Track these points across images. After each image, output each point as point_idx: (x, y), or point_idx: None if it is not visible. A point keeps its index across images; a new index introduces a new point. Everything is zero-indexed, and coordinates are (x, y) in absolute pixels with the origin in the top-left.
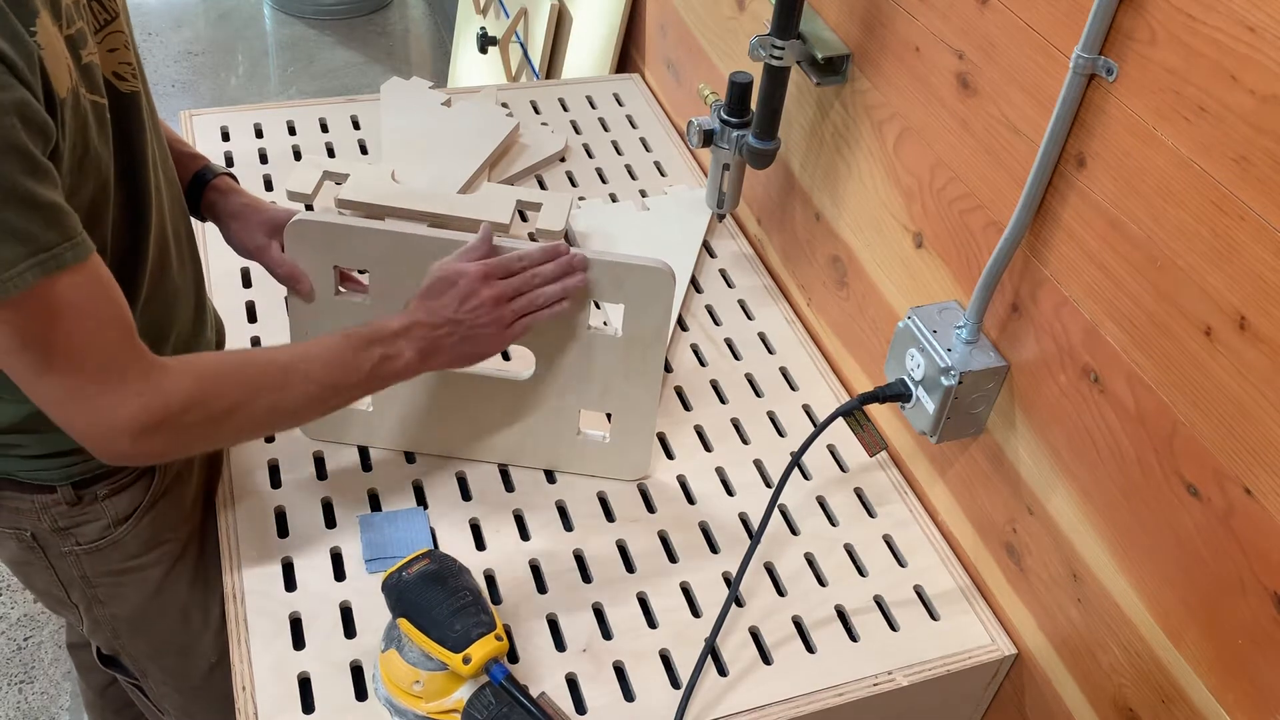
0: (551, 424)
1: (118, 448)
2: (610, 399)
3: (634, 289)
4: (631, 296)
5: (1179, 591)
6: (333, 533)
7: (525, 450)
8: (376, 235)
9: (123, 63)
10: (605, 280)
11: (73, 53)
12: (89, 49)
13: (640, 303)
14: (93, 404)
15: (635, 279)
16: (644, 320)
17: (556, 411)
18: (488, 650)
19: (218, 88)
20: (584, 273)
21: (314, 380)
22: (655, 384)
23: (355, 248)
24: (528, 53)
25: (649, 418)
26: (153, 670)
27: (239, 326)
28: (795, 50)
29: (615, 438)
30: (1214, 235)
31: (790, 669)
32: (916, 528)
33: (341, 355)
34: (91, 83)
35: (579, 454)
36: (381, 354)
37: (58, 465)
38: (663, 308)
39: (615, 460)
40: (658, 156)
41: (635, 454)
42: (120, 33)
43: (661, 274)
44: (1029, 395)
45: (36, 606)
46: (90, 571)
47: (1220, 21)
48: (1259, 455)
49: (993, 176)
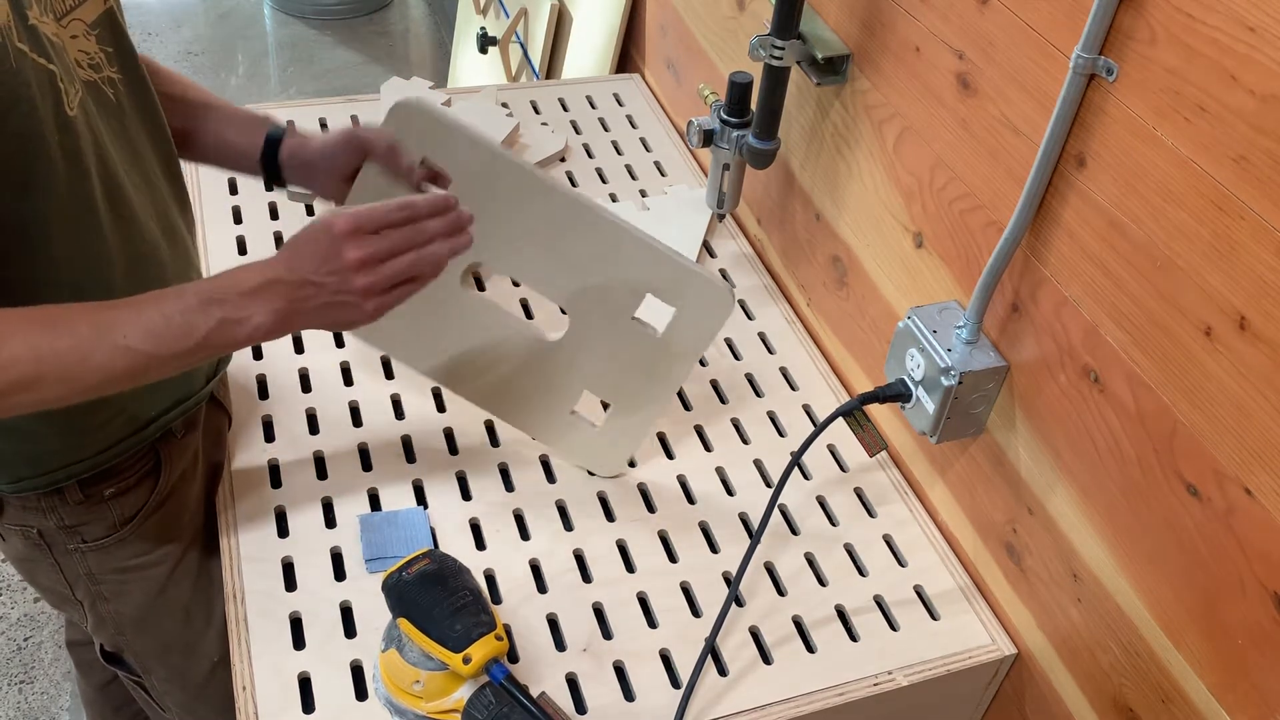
0: (551, 393)
1: None
2: (620, 393)
3: (692, 299)
4: (687, 305)
5: (1179, 591)
6: (333, 533)
7: (514, 408)
8: (477, 147)
9: (80, 51)
10: (668, 280)
11: (14, 6)
12: (39, 16)
13: (693, 314)
14: None
15: (697, 290)
16: (688, 332)
17: (562, 383)
18: (488, 650)
19: (218, 88)
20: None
21: (129, 349)
22: (669, 394)
23: (450, 151)
24: (528, 53)
25: (648, 424)
26: (156, 668)
27: None
28: (795, 50)
29: (606, 430)
30: (1214, 235)
31: (790, 669)
32: (916, 528)
33: (169, 318)
34: (37, 44)
35: (563, 432)
36: (222, 317)
37: (54, 465)
38: (711, 327)
39: (596, 451)
40: (658, 156)
41: (618, 452)
42: (81, 21)
43: (723, 296)
44: (1029, 395)
45: (36, 606)
46: (96, 569)
47: (1220, 21)
48: (1259, 455)
49: (993, 176)
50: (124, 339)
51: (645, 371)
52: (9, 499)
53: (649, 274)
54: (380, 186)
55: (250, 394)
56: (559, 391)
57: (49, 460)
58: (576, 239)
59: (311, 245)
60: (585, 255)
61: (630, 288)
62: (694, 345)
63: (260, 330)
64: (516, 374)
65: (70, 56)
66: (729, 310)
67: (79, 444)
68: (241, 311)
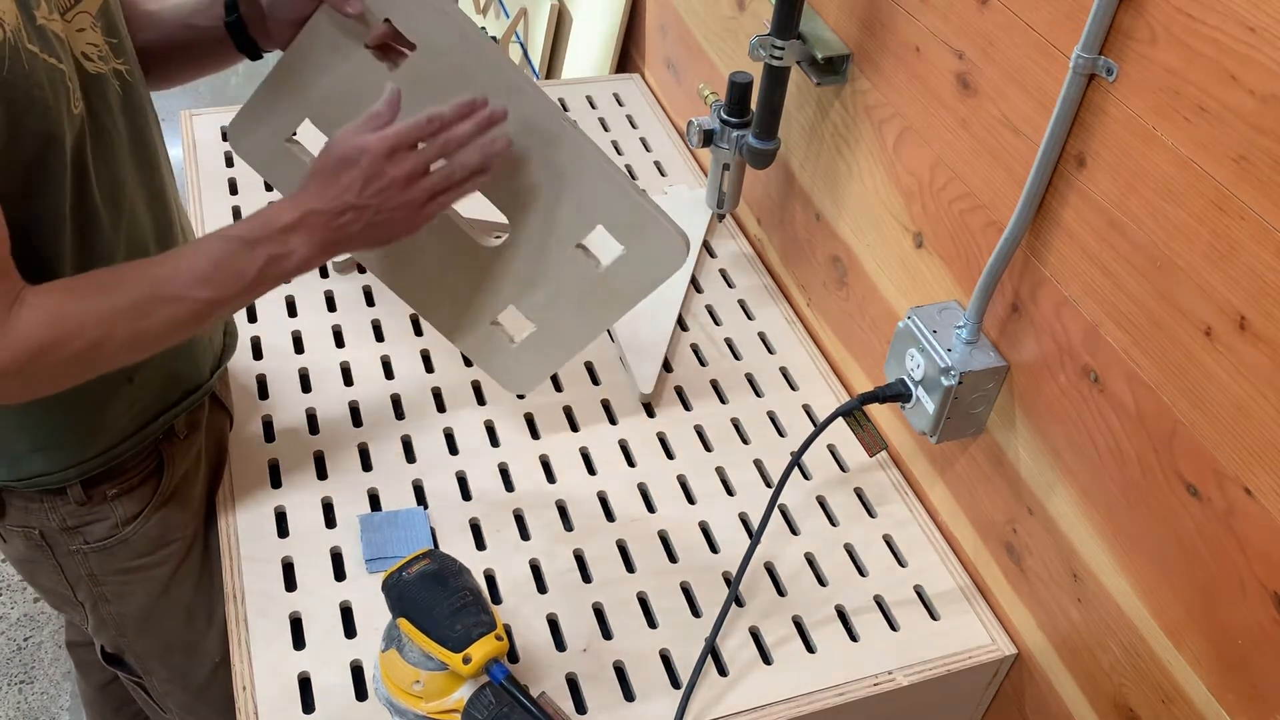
0: (476, 299)
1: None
2: (545, 318)
3: (645, 243)
4: (638, 248)
5: (1179, 591)
6: (333, 533)
7: (436, 307)
8: (446, 20)
9: (89, 44)
10: (623, 217)
11: (22, 8)
12: (47, 15)
13: (641, 258)
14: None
15: (652, 235)
16: (632, 275)
17: (490, 291)
18: (488, 650)
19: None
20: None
21: (187, 298)
22: (596, 332)
23: (416, 18)
24: (528, 53)
25: (566, 353)
26: (157, 669)
27: (239, 326)
28: (795, 50)
29: (522, 350)
30: (1214, 235)
31: (790, 669)
32: (916, 528)
33: (220, 263)
34: (45, 44)
35: (480, 340)
36: (269, 255)
37: (65, 463)
38: (657, 275)
39: (507, 366)
40: (658, 156)
41: (530, 372)
42: (87, 14)
43: (677, 247)
44: (1029, 395)
45: (36, 606)
46: (98, 570)
47: (1220, 21)
48: (1259, 455)
49: (993, 176)
50: (180, 289)
51: (577, 302)
52: (11, 500)
53: (605, 206)
54: (332, 36)
55: (250, 394)
56: (483, 298)
57: (60, 457)
58: (535, 147)
59: (350, 170)
60: (541, 167)
61: (582, 215)
62: (635, 290)
63: (306, 262)
64: (445, 271)
65: (77, 51)
66: (680, 263)
67: (90, 440)
68: (285, 247)
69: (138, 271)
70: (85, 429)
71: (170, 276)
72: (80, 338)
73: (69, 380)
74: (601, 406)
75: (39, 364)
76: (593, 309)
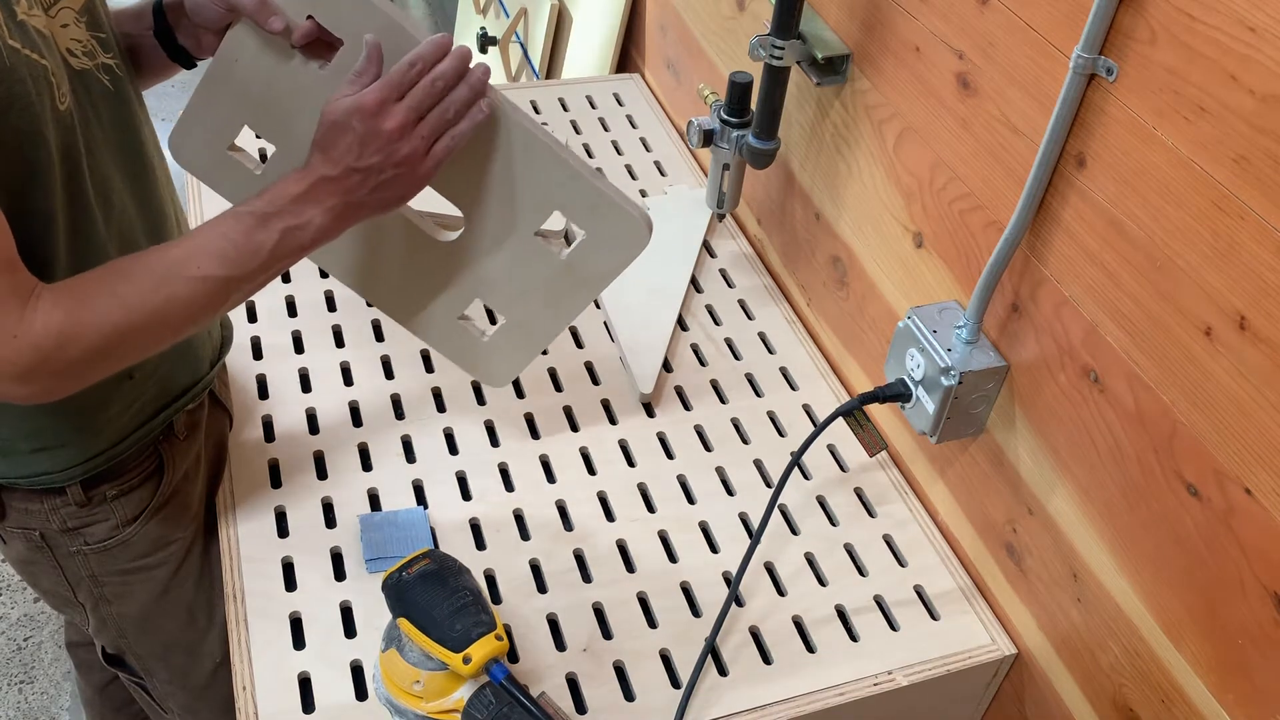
0: (441, 295)
1: (3, 392)
2: (512, 309)
3: (604, 225)
4: (597, 231)
5: (1179, 591)
6: (333, 533)
7: (401, 304)
8: (369, 10)
9: (74, 39)
10: (579, 200)
11: (2, 4)
12: (28, 10)
13: (602, 241)
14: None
15: (611, 217)
16: (596, 260)
17: (454, 287)
18: (488, 650)
19: None
20: (484, 73)
21: (207, 277)
22: (565, 321)
23: (338, 12)
24: (528, 53)
25: (537, 344)
26: (158, 669)
27: (238, 325)
28: (795, 50)
29: (494, 342)
30: (1214, 235)
31: (790, 669)
32: (916, 528)
33: (236, 240)
34: (28, 39)
35: (449, 335)
36: (284, 227)
37: (67, 463)
38: (622, 259)
39: (481, 360)
40: (658, 156)
41: (504, 366)
42: (70, 9)
43: (637, 225)
44: (1029, 395)
45: (36, 606)
46: (98, 571)
47: (1220, 21)
48: (1259, 455)
49: (993, 176)
50: (199, 270)
51: (542, 292)
52: (12, 502)
53: (558, 191)
54: (255, 42)
55: (250, 394)
56: (448, 294)
57: (62, 456)
58: (483, 134)
59: (345, 134)
60: (488, 158)
61: (536, 201)
62: (601, 275)
63: (322, 231)
64: (405, 271)
65: (61, 48)
66: (643, 244)
67: (92, 439)
68: (300, 217)
69: (154, 256)
70: (87, 427)
71: (187, 258)
72: (99, 327)
73: (93, 374)
74: (601, 406)
75: (60, 358)
76: (560, 297)
